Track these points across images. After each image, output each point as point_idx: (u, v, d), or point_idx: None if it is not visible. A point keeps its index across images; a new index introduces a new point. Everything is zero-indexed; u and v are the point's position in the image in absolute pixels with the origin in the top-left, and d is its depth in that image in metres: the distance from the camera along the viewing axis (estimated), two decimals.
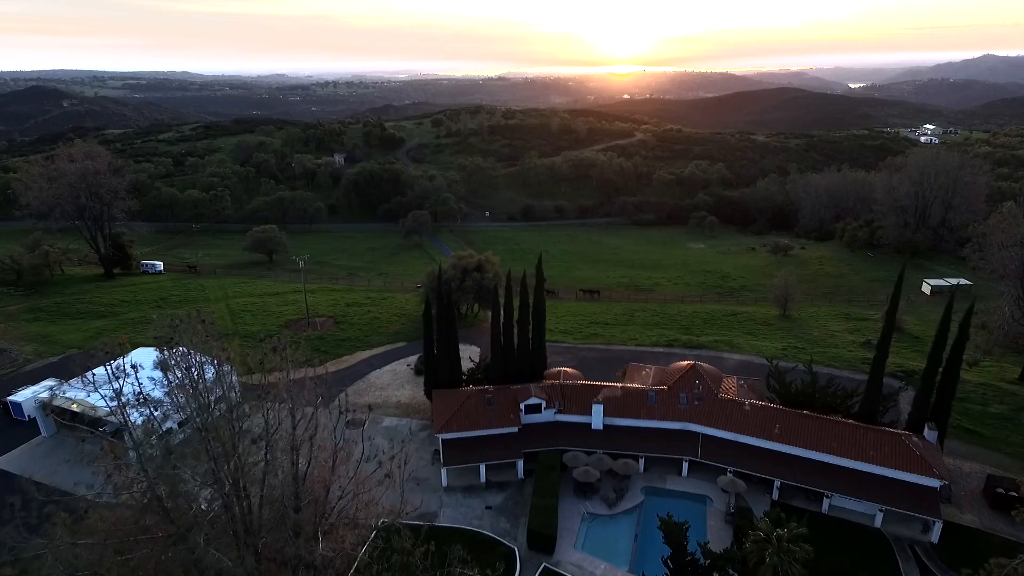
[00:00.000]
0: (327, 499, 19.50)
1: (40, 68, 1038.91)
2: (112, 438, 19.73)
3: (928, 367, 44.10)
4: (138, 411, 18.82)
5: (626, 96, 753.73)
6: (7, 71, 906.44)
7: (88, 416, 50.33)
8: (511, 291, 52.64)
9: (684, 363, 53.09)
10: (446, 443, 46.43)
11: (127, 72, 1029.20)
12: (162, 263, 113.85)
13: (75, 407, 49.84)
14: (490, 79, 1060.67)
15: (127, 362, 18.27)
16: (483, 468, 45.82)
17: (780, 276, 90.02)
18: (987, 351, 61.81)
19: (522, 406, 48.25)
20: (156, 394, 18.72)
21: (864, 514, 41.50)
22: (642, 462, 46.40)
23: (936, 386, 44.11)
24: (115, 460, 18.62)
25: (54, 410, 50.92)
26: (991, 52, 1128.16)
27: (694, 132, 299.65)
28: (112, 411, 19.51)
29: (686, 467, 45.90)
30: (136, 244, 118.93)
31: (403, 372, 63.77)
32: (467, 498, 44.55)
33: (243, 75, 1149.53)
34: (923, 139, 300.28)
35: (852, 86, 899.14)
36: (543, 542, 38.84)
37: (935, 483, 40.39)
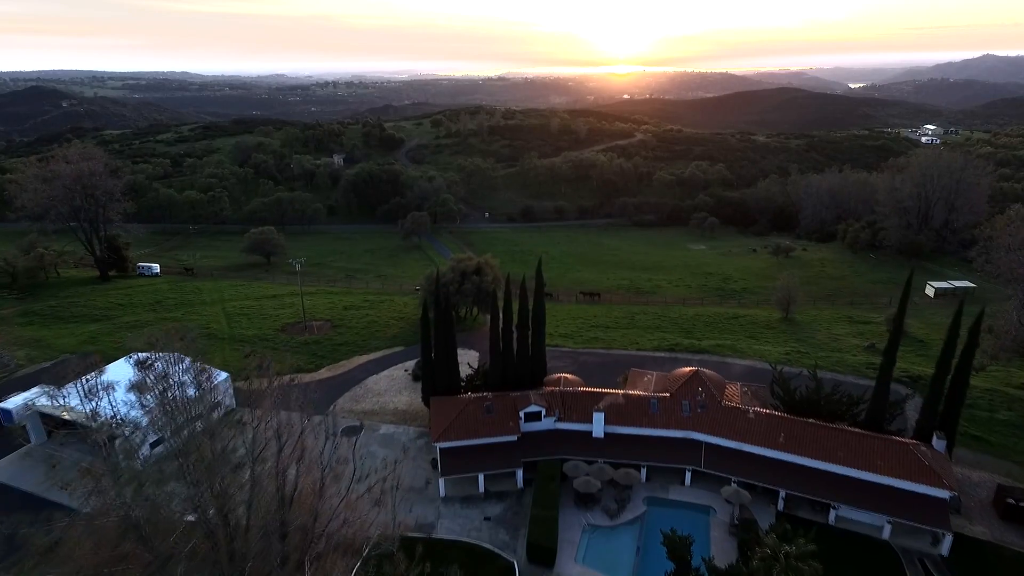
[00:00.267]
0: (315, 525, 18.53)
1: (40, 68, 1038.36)
2: (103, 446, 18.83)
3: (937, 374, 43.07)
4: (115, 431, 17.88)
5: (626, 96, 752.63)
6: (6, 71, 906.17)
7: (79, 424, 49.53)
8: (510, 296, 51.66)
9: (686, 369, 52.09)
10: (444, 452, 45.44)
11: (127, 72, 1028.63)
12: (158, 265, 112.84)
13: (65, 415, 48.83)
14: (490, 79, 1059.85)
15: (101, 382, 17.33)
16: (482, 478, 44.82)
17: (782, 278, 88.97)
18: (994, 356, 60.70)
19: (521, 414, 47.26)
20: (134, 413, 17.74)
21: (872, 526, 40.48)
22: (644, 471, 45.38)
23: (945, 394, 43.15)
24: (92, 480, 17.66)
25: (44, 417, 49.96)
26: (991, 52, 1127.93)
27: (694, 132, 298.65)
28: (100, 423, 18.63)
29: (689, 477, 44.90)
30: (132, 246, 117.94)
31: (400, 378, 62.78)
32: (465, 508, 43.58)
33: (243, 75, 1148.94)
34: (924, 139, 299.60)
35: (852, 86, 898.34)
36: (543, 555, 37.85)
37: (945, 494, 39.41)
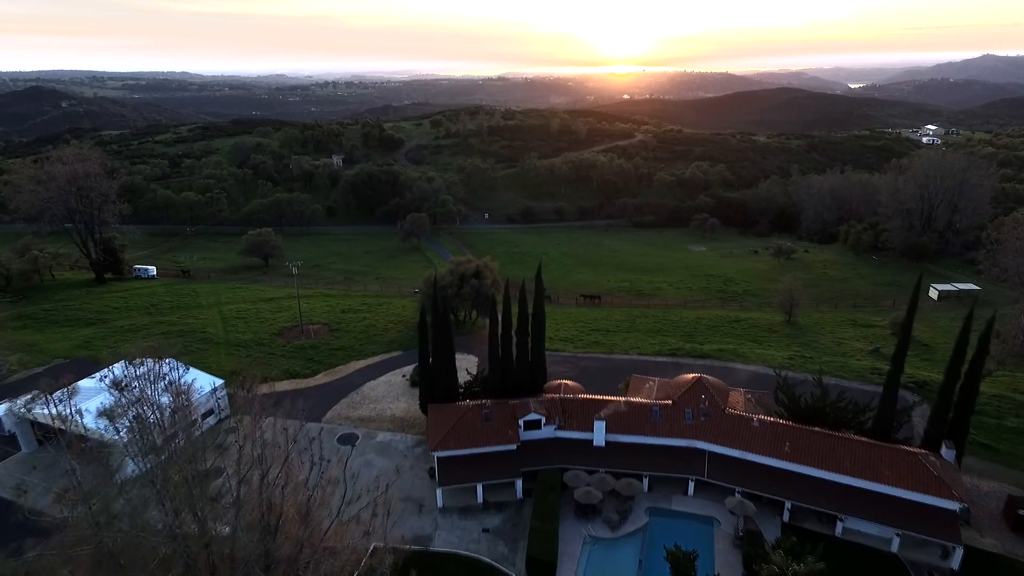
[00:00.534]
0: (301, 555, 17.53)
1: (39, 68, 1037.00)
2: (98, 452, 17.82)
3: (946, 382, 42.09)
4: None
5: (626, 96, 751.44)
6: (6, 71, 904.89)
7: (70, 432, 48.45)
8: (509, 301, 50.67)
9: (689, 376, 51.10)
10: (442, 461, 44.47)
11: (127, 72, 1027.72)
12: (155, 268, 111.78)
13: (57, 422, 47.82)
14: (490, 79, 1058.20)
15: (72, 406, 16.38)
16: (480, 488, 43.86)
17: (785, 281, 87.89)
18: (1001, 361, 59.76)
19: (521, 422, 46.29)
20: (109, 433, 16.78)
21: (880, 538, 39.51)
22: (646, 481, 44.41)
23: (954, 402, 42.17)
24: (67, 507, 16.67)
25: (35, 425, 48.95)
26: (991, 52, 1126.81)
27: (695, 133, 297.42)
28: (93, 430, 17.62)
29: (692, 487, 43.93)
30: (129, 248, 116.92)
31: (398, 383, 61.79)
32: (463, 520, 42.61)
33: (243, 75, 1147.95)
34: (925, 140, 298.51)
35: (852, 86, 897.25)
36: (542, 570, 36.85)
37: (955, 506, 38.44)
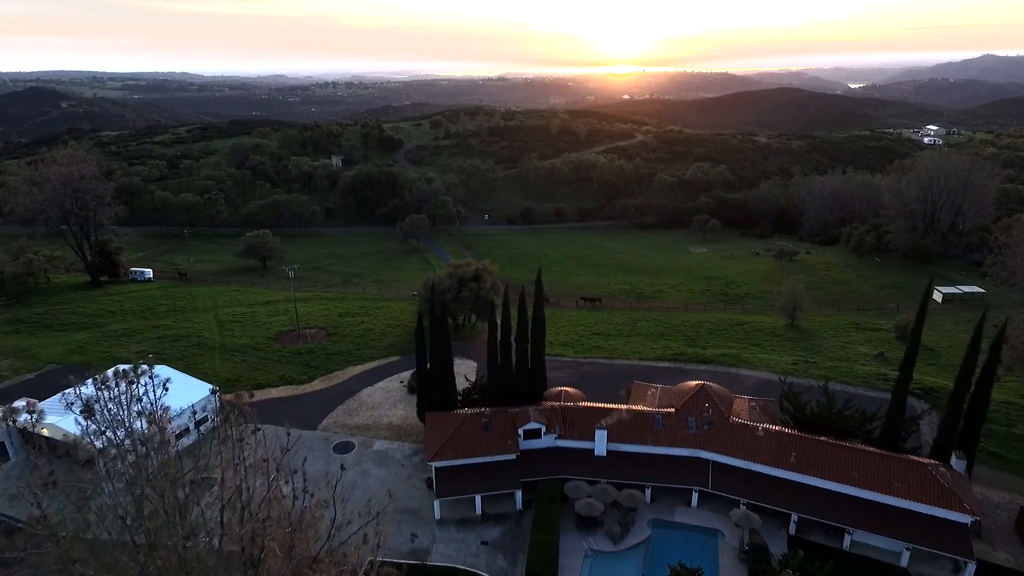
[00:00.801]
0: None
1: (39, 69, 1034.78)
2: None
3: (956, 391, 41.09)
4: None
5: (626, 96, 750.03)
6: (6, 72, 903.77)
7: (59, 442, 47.46)
8: (509, 306, 49.63)
9: (692, 383, 50.05)
10: (439, 471, 43.45)
11: (126, 73, 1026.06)
12: (151, 270, 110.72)
13: (45, 432, 46.85)
14: (489, 79, 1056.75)
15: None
16: (479, 499, 42.82)
17: (787, 284, 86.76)
18: (1009, 367, 58.56)
19: (520, 431, 45.29)
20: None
21: (889, 552, 38.50)
22: (648, 492, 43.38)
23: (964, 411, 41.13)
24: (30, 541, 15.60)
25: (22, 434, 47.94)
26: (991, 52, 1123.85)
27: (695, 133, 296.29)
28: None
29: (696, 498, 42.90)
30: (125, 250, 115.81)
31: (396, 390, 60.74)
32: (461, 532, 41.58)
33: (242, 75, 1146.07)
34: (927, 140, 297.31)
35: (852, 86, 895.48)
36: None
37: (966, 519, 37.44)
